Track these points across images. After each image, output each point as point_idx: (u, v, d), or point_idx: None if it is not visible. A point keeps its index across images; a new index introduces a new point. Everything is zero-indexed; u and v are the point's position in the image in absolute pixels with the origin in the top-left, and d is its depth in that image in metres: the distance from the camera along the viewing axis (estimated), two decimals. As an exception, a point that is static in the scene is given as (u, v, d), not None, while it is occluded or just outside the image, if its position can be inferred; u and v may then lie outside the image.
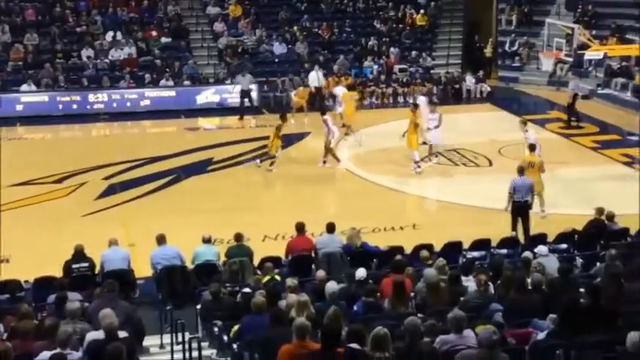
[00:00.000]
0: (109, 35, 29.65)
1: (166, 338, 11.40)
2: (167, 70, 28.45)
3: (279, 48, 30.38)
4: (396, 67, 30.09)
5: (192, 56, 29.69)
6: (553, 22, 26.46)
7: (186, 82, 28.27)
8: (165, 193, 19.47)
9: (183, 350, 10.55)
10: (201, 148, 22.81)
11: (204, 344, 10.64)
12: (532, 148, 17.83)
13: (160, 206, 18.30)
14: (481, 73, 30.57)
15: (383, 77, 29.43)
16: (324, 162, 20.82)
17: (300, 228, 14.00)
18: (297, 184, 19.79)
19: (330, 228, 13.89)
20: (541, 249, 12.35)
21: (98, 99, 27.07)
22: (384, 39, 31.43)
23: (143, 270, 13.52)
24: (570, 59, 25.20)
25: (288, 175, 20.58)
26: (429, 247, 13.44)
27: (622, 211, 15.49)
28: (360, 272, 11.30)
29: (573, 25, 25.36)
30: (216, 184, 20.15)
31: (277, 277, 12.15)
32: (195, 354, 10.15)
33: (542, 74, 30.04)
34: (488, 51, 32.71)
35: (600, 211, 14.73)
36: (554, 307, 8.60)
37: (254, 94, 27.54)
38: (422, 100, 22.61)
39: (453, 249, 13.95)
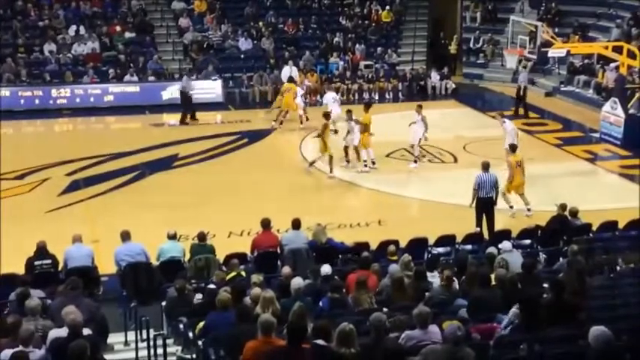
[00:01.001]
0: (72, 30, 29.31)
1: (131, 335, 11.31)
2: (131, 65, 28.20)
3: (244, 44, 30.27)
4: (362, 64, 30.13)
5: (157, 51, 29.47)
6: (517, 19, 26.65)
7: (151, 78, 28.05)
8: (130, 189, 19.31)
9: (148, 347, 10.49)
10: (167, 144, 22.67)
11: (170, 341, 10.58)
12: (513, 148, 17.92)
13: (125, 202, 18.15)
14: (446, 69, 30.75)
15: (348, 74, 29.46)
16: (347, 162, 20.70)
17: (266, 224, 13.97)
18: (262, 181, 19.73)
19: (296, 224, 13.89)
20: (505, 245, 12.46)
21: (61, 94, 26.72)
22: (349, 35, 31.47)
23: (107, 267, 13.40)
24: (534, 56, 25.40)
25: (254, 172, 20.51)
26: (394, 243, 13.49)
27: (584, 207, 15.68)
28: (326, 268, 11.32)
29: (537, 23, 25.56)
30: (181, 180, 20.03)
31: (243, 274, 12.12)
32: (160, 351, 10.09)
33: (506, 71, 30.28)
34: (452, 48, 32.92)
35: (563, 207, 14.90)
36: (518, 303, 8.66)
37: (218, 90, 27.49)
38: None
39: (418, 245, 14.04)
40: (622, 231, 15.04)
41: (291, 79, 25.63)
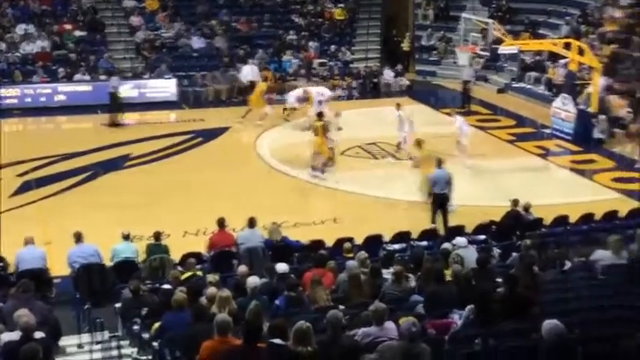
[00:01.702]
0: (21, 28, 28.80)
1: (85, 338, 11.18)
2: (82, 64, 27.82)
3: (197, 42, 30.06)
4: (316, 62, 30.14)
5: (108, 50, 29.13)
6: (469, 17, 26.87)
7: (103, 77, 27.70)
8: (82, 189, 19.07)
9: (103, 349, 10.37)
10: (119, 143, 22.42)
11: (124, 343, 10.48)
12: (419, 143, 18.45)
13: (77, 203, 17.91)
14: (399, 67, 30.93)
15: (303, 71, 29.44)
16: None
17: (221, 223, 13.92)
18: (217, 180, 19.63)
19: (251, 223, 13.85)
20: (460, 240, 12.56)
21: (10, 94, 26.27)
22: (303, 33, 31.47)
23: (60, 269, 13.21)
24: (486, 54, 25.67)
25: (208, 171, 20.40)
26: (350, 240, 13.52)
27: (537, 202, 15.89)
28: (282, 267, 11.30)
29: (488, 20, 25.81)
30: (134, 180, 19.83)
31: (199, 273, 12.05)
32: (114, 353, 9.99)
33: (458, 68, 30.49)
34: (405, 45, 33.10)
35: (516, 202, 15.09)
36: (473, 297, 8.74)
37: (172, 89, 27.31)
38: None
39: (373, 242, 14.08)
40: (573, 225, 15.27)
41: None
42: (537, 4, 31.95)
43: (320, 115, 20.47)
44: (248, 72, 27.61)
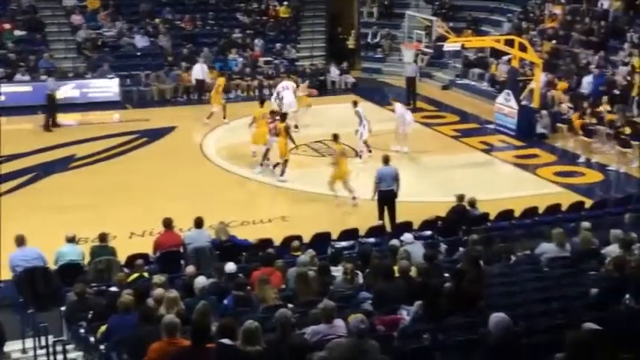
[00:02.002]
0: (-41, 28, 28.21)
1: (29, 343, 10.97)
2: (22, 64, 27.28)
3: (140, 41, 29.72)
4: (261, 60, 30.05)
5: (49, 50, 28.61)
6: (412, 14, 27.07)
7: (44, 77, 27.20)
8: (25, 192, 18.72)
9: (48, 354, 10.20)
10: (62, 144, 22.07)
11: (70, 347, 10.31)
12: (336, 137, 18.50)
13: (20, 206, 17.52)
14: (345, 64, 31.01)
15: (248, 70, 29.32)
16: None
17: (168, 224, 13.77)
18: (163, 180, 19.46)
19: (198, 223, 13.74)
20: (407, 236, 12.65)
21: (-52, 95, 25.66)
22: (248, 31, 31.34)
23: (2, 273, 12.94)
24: (430, 50, 25.89)
25: (154, 171, 20.21)
26: (298, 238, 13.52)
27: (482, 197, 16.08)
28: (230, 266, 11.26)
29: (432, 18, 26.05)
30: (79, 181, 19.53)
31: (146, 275, 11.92)
32: (60, 357, 9.83)
33: (403, 65, 30.71)
34: (351, 43, 33.20)
35: (461, 197, 15.22)
36: (421, 293, 8.80)
37: (115, 89, 27.00)
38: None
39: (321, 239, 14.10)
40: (518, 219, 15.49)
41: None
42: (480, 1, 32.37)
43: (283, 116, 20.23)
44: (198, 71, 27.43)
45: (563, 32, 27.73)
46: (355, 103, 21.77)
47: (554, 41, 27.45)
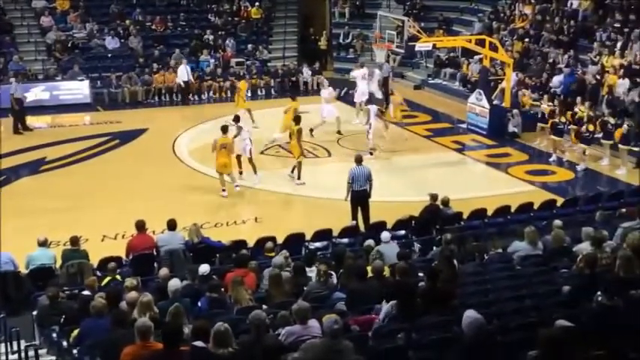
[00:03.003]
0: None
1: (0, 348, 10.85)
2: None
3: (111, 42, 29.53)
4: (233, 61, 29.98)
5: (18, 52, 28.33)
6: (384, 14, 27.15)
7: (13, 79, 26.90)
8: (-5, 196, 18.51)
9: (20, 359, 10.09)
10: (32, 147, 21.85)
11: (42, 351, 10.22)
12: (224, 129, 18.51)
13: (-11, 210, 17.35)
14: (317, 65, 31.03)
15: (219, 71, 29.24)
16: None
17: (141, 226, 13.70)
18: (135, 182, 19.34)
19: (171, 225, 13.69)
20: (385, 235, 12.69)
21: None
22: (219, 32, 31.25)
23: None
24: (402, 50, 25.96)
25: (127, 173, 20.08)
26: (272, 239, 13.50)
27: (455, 196, 16.15)
28: (203, 268, 11.21)
29: (403, 18, 26.11)
30: (50, 184, 19.36)
31: (118, 278, 11.85)
32: (32, 362, 9.74)
33: (376, 65, 30.74)
34: (322, 43, 33.23)
35: (434, 196, 15.27)
36: (395, 293, 8.81)
37: (85, 91, 26.82)
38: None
39: (295, 240, 14.09)
40: (490, 218, 15.58)
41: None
42: (450, 2, 32.54)
43: (297, 118, 19.79)
44: (183, 72, 27.33)
45: (534, 32, 27.96)
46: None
47: (525, 40, 27.66)
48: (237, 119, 19.75)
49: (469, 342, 7.13)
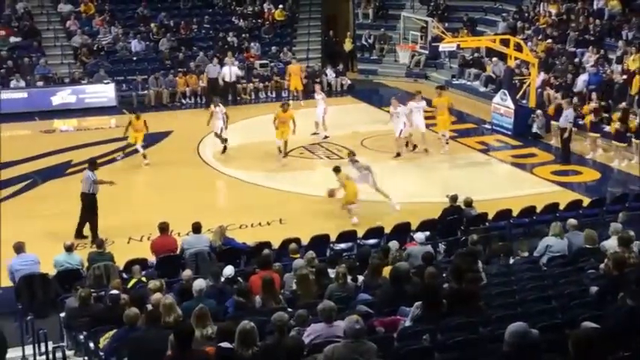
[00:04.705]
0: (-46, 35, 28.19)
1: (29, 349, 10.95)
2: (16, 70, 27.25)
3: (137, 45, 29.73)
4: (257, 63, 30.04)
5: (45, 56, 28.60)
6: (408, 15, 27.09)
7: (40, 83, 27.20)
8: (22, 198, 18.67)
9: (47, 361, 10.19)
10: (59, 150, 22.02)
11: (70, 353, 10.30)
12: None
13: (17, 213, 17.48)
14: (341, 66, 31.02)
15: (244, 73, 29.30)
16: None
17: (164, 228, 13.78)
18: (160, 185, 19.44)
19: (196, 228, 13.74)
20: (419, 236, 12.67)
21: (-57, 102, 25.60)
22: (243, 35, 31.33)
23: (0, 280, 12.93)
24: (426, 51, 25.90)
25: (151, 176, 20.18)
26: (296, 240, 13.51)
27: (480, 197, 16.08)
28: (228, 270, 11.23)
29: (427, 19, 26.05)
30: (76, 187, 19.38)
31: (144, 280, 11.90)
32: (60, 364, 9.82)
33: (399, 66, 30.76)
34: (347, 45, 33.20)
35: (454, 198, 15.21)
36: (421, 294, 8.78)
37: (111, 94, 27.00)
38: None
39: (320, 242, 14.08)
40: (516, 218, 15.49)
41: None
42: (475, 2, 32.40)
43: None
44: (227, 72, 27.49)
45: (559, 31, 27.75)
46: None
47: (549, 40, 27.47)
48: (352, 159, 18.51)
49: (509, 350, 6.92)
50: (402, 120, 21.11)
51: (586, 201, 16.61)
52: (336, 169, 17.26)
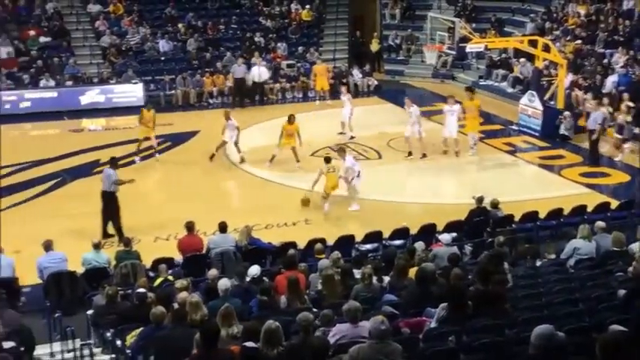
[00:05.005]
0: (-16, 35, 28.53)
1: (56, 346, 11.05)
2: (46, 70, 27.52)
3: (165, 46, 29.92)
4: (284, 63, 30.10)
5: (74, 55, 28.86)
6: (435, 16, 27.01)
7: (69, 83, 27.46)
8: (51, 197, 18.86)
9: (75, 357, 10.27)
10: (87, 149, 22.20)
11: (97, 350, 10.38)
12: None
13: (46, 211, 17.69)
14: (367, 67, 30.99)
15: (270, 73, 29.36)
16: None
17: (190, 227, 13.86)
18: (187, 184, 19.53)
19: (222, 227, 13.80)
20: (445, 237, 12.64)
21: (-25, 102, 25.94)
22: (270, 35, 31.41)
23: (29, 277, 13.07)
24: (453, 52, 25.81)
25: (178, 175, 20.29)
26: (322, 241, 13.52)
27: (507, 198, 15.99)
28: (253, 270, 11.26)
29: (454, 19, 25.95)
30: (103, 186, 19.61)
31: (170, 278, 11.98)
32: (87, 360, 9.91)
33: (426, 67, 30.69)
34: (374, 45, 33.15)
35: (480, 199, 15.15)
36: (447, 295, 8.75)
37: (139, 94, 27.19)
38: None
39: (346, 242, 14.09)
40: (543, 220, 15.40)
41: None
42: (503, 2, 32.23)
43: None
44: (256, 74, 27.61)
45: (587, 32, 27.53)
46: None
47: (578, 41, 27.26)
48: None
49: (534, 353, 6.86)
50: (411, 120, 21.03)
51: (614, 203, 16.47)
52: (327, 160, 17.85)
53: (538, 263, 11.79)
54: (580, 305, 9.27)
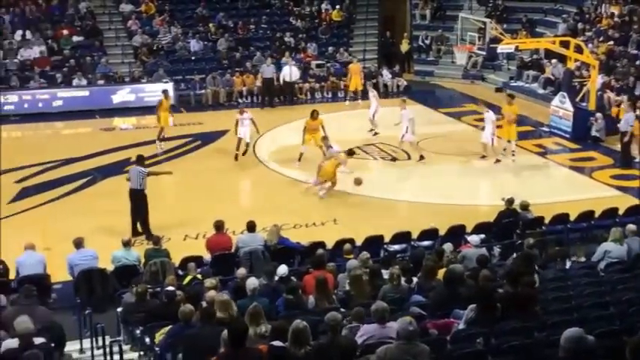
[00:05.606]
0: (18, 34, 28.82)
1: (86, 343, 11.16)
2: (78, 69, 27.79)
3: (195, 45, 30.08)
4: (314, 63, 30.12)
5: (106, 55, 29.12)
6: (466, 16, 26.89)
7: (101, 82, 27.71)
8: (82, 195, 19.03)
9: (105, 354, 10.36)
10: (118, 148, 22.38)
11: (126, 347, 10.46)
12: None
13: (77, 209, 17.86)
14: (397, 67, 30.91)
15: (301, 73, 29.40)
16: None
17: (219, 226, 13.91)
18: (216, 183, 19.63)
19: (251, 226, 13.84)
20: (474, 239, 12.59)
21: (8, 100, 26.22)
22: (300, 35, 31.45)
23: (60, 274, 13.20)
24: (483, 53, 25.68)
25: (208, 174, 20.38)
26: (350, 241, 13.51)
27: (537, 200, 15.87)
28: (282, 269, 11.29)
29: (485, 20, 25.82)
30: (134, 184, 19.76)
31: (199, 277, 12.04)
32: (116, 357, 9.97)
33: (456, 68, 30.57)
34: (404, 46, 33.07)
35: (510, 201, 15.06)
36: (475, 297, 8.72)
37: (170, 93, 27.34)
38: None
39: (374, 243, 14.07)
40: (573, 223, 15.27)
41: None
42: (534, 3, 32.02)
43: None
44: (287, 73, 27.70)
45: (620, 33, 27.24)
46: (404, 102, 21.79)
47: (610, 42, 26.99)
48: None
49: (564, 356, 6.82)
50: (404, 125, 20.87)
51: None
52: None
53: (568, 266, 11.70)
54: (610, 308, 9.19)
